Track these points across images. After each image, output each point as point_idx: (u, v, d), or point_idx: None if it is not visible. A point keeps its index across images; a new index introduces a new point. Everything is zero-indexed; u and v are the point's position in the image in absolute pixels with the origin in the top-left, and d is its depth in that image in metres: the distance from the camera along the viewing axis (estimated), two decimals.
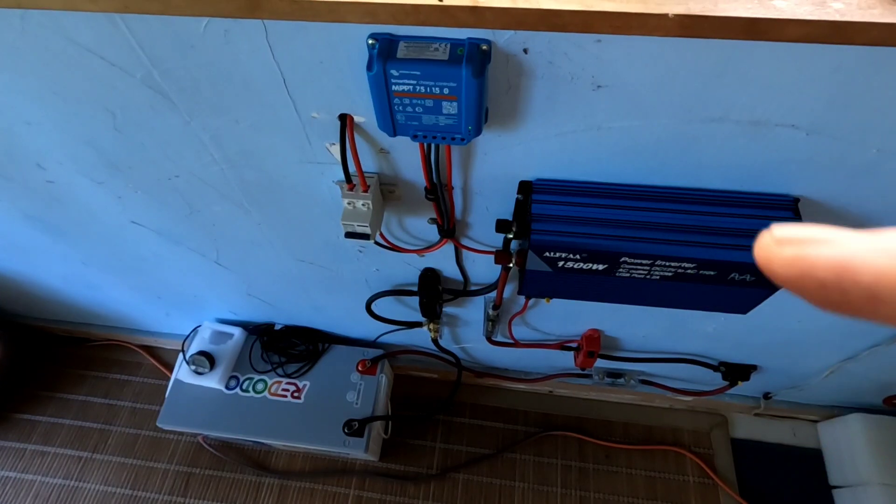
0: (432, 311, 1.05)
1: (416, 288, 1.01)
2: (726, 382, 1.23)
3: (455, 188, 0.74)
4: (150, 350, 1.67)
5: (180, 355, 1.35)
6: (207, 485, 1.46)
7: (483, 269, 0.96)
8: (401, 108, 0.54)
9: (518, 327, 1.16)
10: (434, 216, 0.78)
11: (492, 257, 0.82)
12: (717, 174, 0.64)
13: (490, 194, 0.74)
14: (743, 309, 0.73)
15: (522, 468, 1.46)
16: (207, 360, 1.30)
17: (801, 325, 0.98)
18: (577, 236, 0.63)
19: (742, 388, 1.28)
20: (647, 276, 0.66)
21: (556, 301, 1.01)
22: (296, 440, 1.28)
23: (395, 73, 0.51)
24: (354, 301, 1.13)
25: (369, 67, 0.51)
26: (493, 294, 0.98)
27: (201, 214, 0.90)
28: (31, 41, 0.58)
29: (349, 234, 0.72)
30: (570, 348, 1.22)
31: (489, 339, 1.18)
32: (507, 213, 0.76)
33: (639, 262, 0.64)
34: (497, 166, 0.68)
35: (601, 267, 0.65)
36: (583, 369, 1.27)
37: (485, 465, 1.46)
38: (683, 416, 1.52)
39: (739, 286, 0.65)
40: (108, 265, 1.17)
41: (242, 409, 1.29)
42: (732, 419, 1.51)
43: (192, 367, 1.29)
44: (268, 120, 0.65)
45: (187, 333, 1.39)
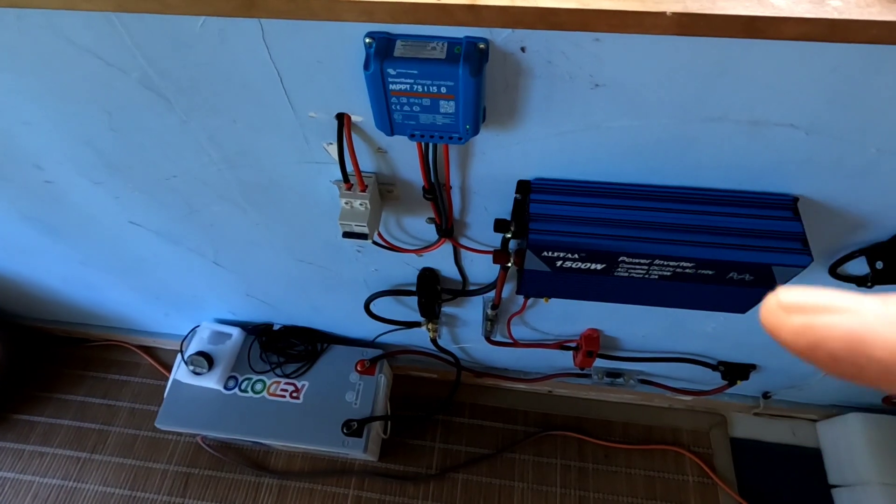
0: (431, 310, 1.04)
1: (414, 288, 1.01)
2: (725, 382, 1.23)
3: (453, 188, 0.74)
4: (148, 350, 1.66)
5: (179, 355, 1.35)
6: (206, 485, 1.45)
7: (482, 268, 0.96)
8: (398, 107, 0.54)
9: (517, 327, 1.15)
10: (432, 216, 0.78)
11: (490, 257, 0.82)
12: (716, 173, 0.64)
13: (488, 194, 0.74)
14: (742, 308, 0.72)
15: (522, 468, 1.46)
16: (206, 360, 1.30)
17: None
18: (576, 236, 0.63)
19: (741, 387, 1.28)
20: (646, 276, 0.66)
21: (554, 301, 1.01)
22: (295, 440, 1.27)
23: (392, 72, 0.51)
24: (353, 301, 1.13)
25: (366, 66, 0.51)
26: (492, 294, 0.98)
27: (199, 214, 0.89)
28: (27, 41, 0.58)
29: (347, 234, 0.72)
30: (569, 348, 1.21)
31: (488, 338, 1.18)
32: (506, 212, 0.76)
33: (637, 261, 0.63)
34: (495, 166, 0.68)
35: (600, 266, 0.65)
36: (582, 369, 1.26)
37: (484, 464, 1.46)
38: (683, 416, 1.52)
39: (738, 286, 0.65)
40: (106, 265, 1.17)
41: (241, 409, 1.29)
42: (732, 419, 1.51)
43: (191, 368, 1.29)
44: (265, 120, 0.65)
45: (186, 334, 1.39)
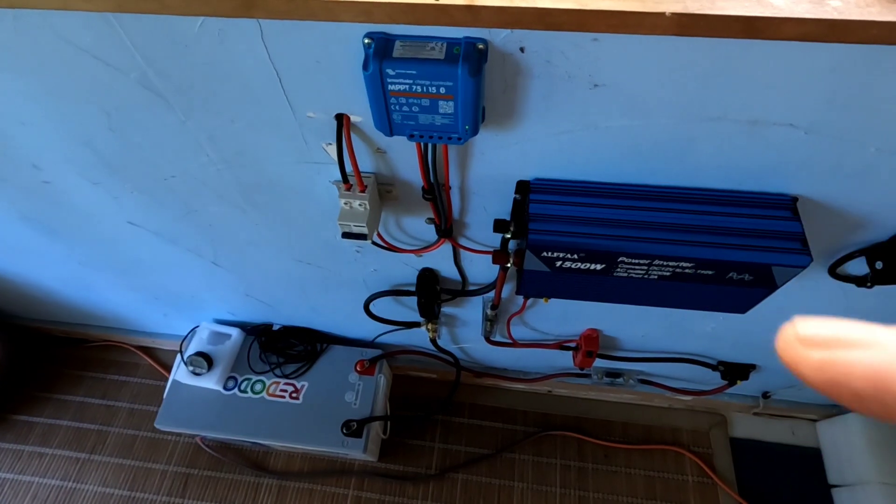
0: (430, 311, 1.04)
1: (414, 288, 1.01)
2: (725, 382, 1.23)
3: (452, 188, 0.74)
4: (147, 351, 1.66)
5: (178, 356, 1.34)
6: (206, 486, 1.45)
7: (481, 269, 0.96)
8: (397, 107, 0.54)
9: (516, 327, 1.15)
10: (432, 216, 0.78)
11: (490, 257, 0.82)
12: (716, 173, 0.64)
13: (488, 194, 0.74)
14: (742, 308, 0.72)
15: (521, 468, 1.46)
16: (205, 360, 1.30)
17: None
18: (575, 236, 0.63)
19: (741, 387, 1.28)
20: (646, 276, 0.66)
21: (554, 301, 1.01)
22: (294, 441, 1.27)
23: (391, 72, 0.50)
24: (352, 301, 1.12)
25: (365, 67, 0.51)
26: (492, 294, 0.97)
27: (198, 215, 0.89)
28: (25, 41, 0.58)
29: (346, 235, 0.72)
30: (568, 348, 1.21)
31: (488, 338, 1.18)
32: (505, 212, 0.76)
33: (637, 261, 0.63)
34: (494, 166, 0.68)
35: (599, 267, 0.65)
36: (581, 369, 1.26)
37: (484, 465, 1.46)
38: (682, 416, 1.52)
39: (738, 286, 0.65)
40: (105, 266, 1.17)
41: (241, 409, 1.29)
42: (731, 418, 1.51)
43: (191, 368, 1.29)
44: (264, 120, 0.65)
45: (185, 334, 1.39)
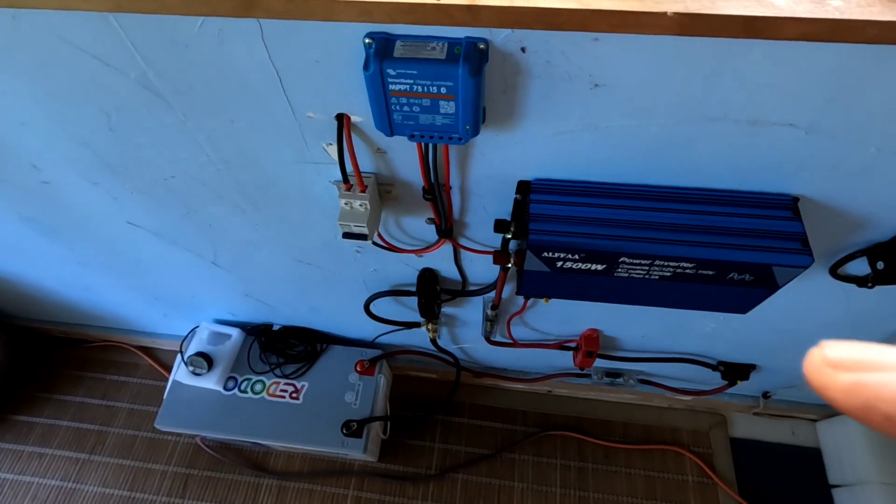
0: (431, 311, 1.04)
1: (414, 288, 1.01)
2: (725, 382, 1.23)
3: (453, 188, 0.74)
4: (147, 351, 1.66)
5: (178, 356, 1.34)
6: (206, 486, 1.45)
7: (481, 269, 0.95)
8: (398, 107, 0.54)
9: (517, 327, 1.15)
10: (432, 216, 0.78)
11: (490, 257, 0.82)
12: (716, 173, 0.63)
13: (488, 194, 0.74)
14: (742, 309, 0.72)
15: (521, 468, 1.46)
16: (206, 360, 1.30)
17: (801, 325, 0.98)
18: (576, 236, 0.63)
19: (741, 387, 1.28)
20: (646, 276, 0.66)
21: (554, 301, 1.00)
22: (294, 441, 1.27)
23: (391, 72, 0.50)
24: (352, 301, 1.12)
25: (366, 67, 0.51)
26: (492, 294, 0.97)
27: (198, 215, 0.89)
28: (24, 41, 0.58)
29: (346, 235, 0.72)
30: (568, 348, 1.21)
31: (488, 339, 1.18)
32: (506, 213, 0.76)
33: (638, 262, 0.63)
34: (495, 166, 0.68)
35: (600, 267, 0.65)
36: (582, 369, 1.26)
37: (484, 465, 1.46)
38: (682, 416, 1.52)
39: (739, 286, 0.65)
40: (104, 266, 1.16)
41: (241, 410, 1.29)
42: (731, 418, 1.51)
43: (191, 368, 1.29)
44: (264, 120, 0.65)
45: (185, 334, 1.39)
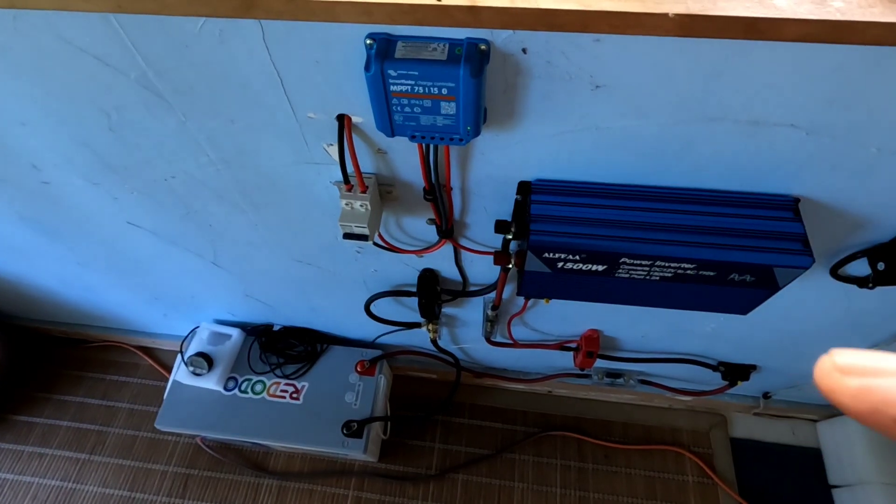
0: (431, 311, 1.04)
1: (414, 289, 1.01)
2: (726, 382, 1.23)
3: (454, 189, 0.74)
4: (147, 351, 1.66)
5: (178, 356, 1.34)
6: (206, 486, 1.45)
7: (482, 269, 0.95)
8: (399, 108, 0.54)
9: (517, 328, 1.15)
10: (433, 217, 0.78)
11: (491, 258, 0.82)
12: (717, 174, 0.63)
13: (489, 195, 0.74)
14: (743, 310, 0.72)
15: (521, 468, 1.46)
16: (206, 361, 1.30)
17: (801, 326, 0.98)
18: (577, 237, 0.63)
19: (741, 387, 1.28)
20: (647, 277, 0.66)
21: (555, 301, 1.00)
22: (294, 441, 1.27)
23: (392, 73, 0.50)
24: (353, 302, 1.12)
25: (367, 68, 0.51)
26: (492, 295, 0.97)
27: (198, 215, 0.89)
28: (24, 42, 0.58)
29: (347, 236, 0.72)
30: (569, 348, 1.21)
31: (488, 339, 1.18)
32: (506, 213, 0.76)
33: (638, 262, 0.63)
34: (495, 167, 0.68)
35: (600, 268, 0.65)
36: (582, 369, 1.26)
37: (484, 465, 1.46)
38: (683, 416, 1.52)
39: (739, 287, 0.65)
40: (104, 266, 1.16)
41: (241, 410, 1.29)
42: (732, 419, 1.51)
43: (191, 369, 1.29)
44: (264, 120, 0.65)
45: (185, 334, 1.39)
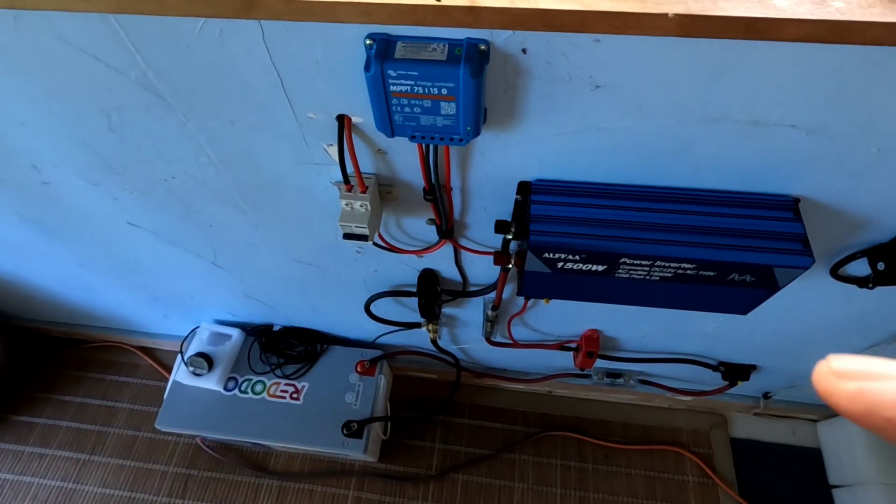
0: (431, 311, 1.04)
1: (414, 289, 1.01)
2: (726, 382, 1.23)
3: (454, 189, 0.74)
4: (147, 351, 1.66)
5: (178, 356, 1.34)
6: (206, 486, 1.45)
7: (482, 269, 0.95)
8: (399, 108, 0.54)
9: (517, 328, 1.15)
10: (433, 217, 0.78)
11: (491, 258, 0.82)
12: (717, 174, 0.63)
13: (489, 195, 0.74)
14: (743, 310, 0.72)
15: (522, 468, 1.46)
16: (206, 361, 1.29)
17: (801, 326, 0.98)
18: (577, 237, 0.63)
19: (741, 387, 1.28)
20: (647, 277, 0.66)
21: (555, 301, 1.00)
22: (295, 441, 1.27)
23: (392, 73, 0.50)
24: (353, 302, 1.12)
25: (367, 68, 0.51)
26: (492, 295, 0.97)
27: (198, 216, 0.89)
28: (24, 42, 0.58)
29: (347, 236, 0.72)
30: (569, 348, 1.21)
31: (488, 339, 1.18)
32: (506, 213, 0.76)
33: (638, 262, 0.63)
34: (495, 167, 0.68)
35: (600, 268, 0.65)
36: (582, 369, 1.26)
37: (484, 465, 1.46)
38: (683, 416, 1.52)
39: (739, 287, 0.65)
40: (104, 267, 1.16)
41: (241, 410, 1.29)
42: (732, 419, 1.51)
43: (191, 369, 1.29)
44: (264, 121, 0.65)
45: (185, 335, 1.39)
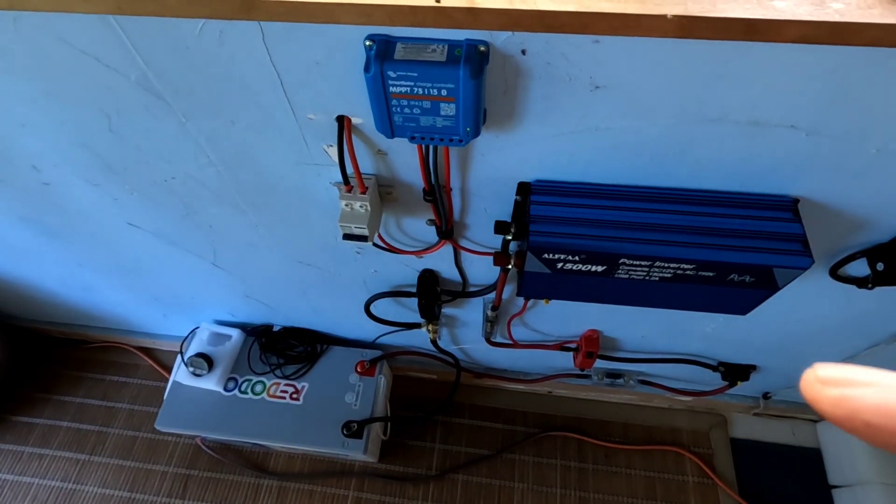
0: (431, 312, 1.04)
1: (414, 289, 1.01)
2: (725, 382, 1.23)
3: (453, 189, 0.74)
4: (147, 352, 1.66)
5: (178, 357, 1.34)
6: (206, 487, 1.45)
7: (482, 270, 0.95)
8: (398, 109, 0.54)
9: (517, 328, 1.15)
10: (432, 217, 0.78)
11: (490, 258, 0.82)
12: (716, 175, 0.63)
13: (488, 195, 0.74)
14: (742, 310, 0.72)
15: (522, 469, 1.46)
16: (206, 361, 1.29)
17: (801, 326, 0.98)
18: (576, 238, 0.63)
19: (741, 388, 1.28)
20: (647, 278, 0.66)
21: (554, 302, 1.00)
22: (295, 442, 1.27)
23: (392, 74, 0.50)
24: (353, 302, 1.12)
25: (366, 69, 0.51)
26: (492, 295, 0.97)
27: (198, 216, 0.89)
28: (24, 43, 0.58)
29: (347, 236, 0.72)
30: (569, 349, 1.21)
31: (488, 339, 1.18)
32: (506, 214, 0.76)
33: (638, 263, 0.63)
34: (495, 167, 0.68)
35: (600, 268, 0.65)
36: (582, 370, 1.26)
37: (484, 465, 1.46)
38: (683, 416, 1.52)
39: (739, 287, 0.65)
40: (104, 267, 1.16)
41: (241, 410, 1.29)
42: (732, 419, 1.51)
43: (191, 369, 1.29)
44: (264, 121, 0.65)
45: (185, 335, 1.39)
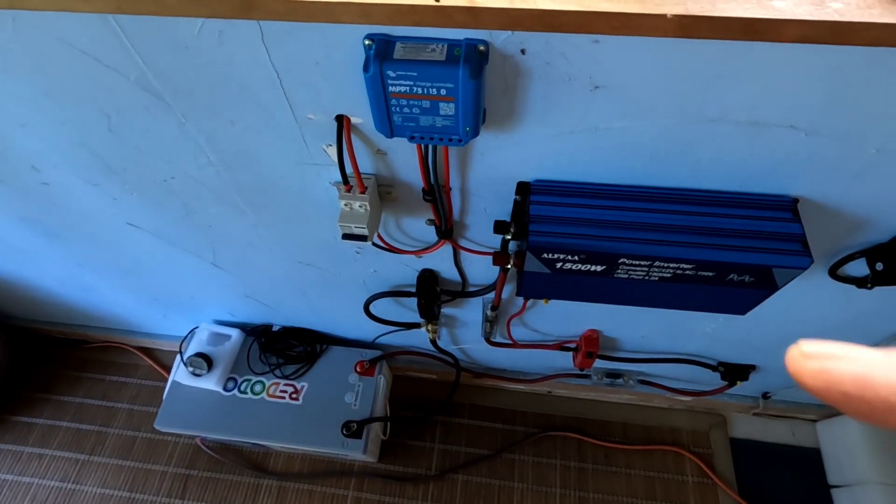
0: (430, 312, 1.04)
1: (414, 289, 1.01)
2: (725, 382, 1.23)
3: (453, 189, 0.74)
4: (147, 352, 1.66)
5: (178, 357, 1.34)
6: (206, 487, 1.45)
7: (481, 270, 0.95)
8: (398, 109, 0.54)
9: (516, 328, 1.15)
10: (432, 217, 0.78)
11: (490, 258, 0.82)
12: (716, 175, 0.63)
13: (488, 195, 0.74)
14: (742, 310, 0.72)
15: (521, 469, 1.46)
16: (205, 361, 1.29)
17: (800, 326, 0.98)
18: (576, 237, 0.63)
19: (741, 387, 1.28)
20: (646, 278, 0.66)
21: (554, 302, 1.01)
22: (294, 442, 1.27)
23: (391, 73, 0.50)
24: (352, 302, 1.12)
25: (366, 68, 0.51)
26: (492, 295, 0.97)
27: (197, 216, 0.89)
28: (24, 43, 0.58)
29: (346, 236, 0.72)
30: (568, 349, 1.21)
31: (488, 339, 1.18)
32: (505, 214, 0.76)
33: (637, 263, 0.63)
34: (495, 167, 0.68)
35: (599, 268, 0.65)
36: (581, 370, 1.26)
37: (483, 465, 1.46)
38: (682, 416, 1.52)
39: (738, 287, 0.65)
40: (104, 267, 1.16)
41: (241, 410, 1.29)
42: (731, 419, 1.51)
43: (190, 369, 1.29)
44: (263, 121, 0.65)
45: (185, 335, 1.39)
